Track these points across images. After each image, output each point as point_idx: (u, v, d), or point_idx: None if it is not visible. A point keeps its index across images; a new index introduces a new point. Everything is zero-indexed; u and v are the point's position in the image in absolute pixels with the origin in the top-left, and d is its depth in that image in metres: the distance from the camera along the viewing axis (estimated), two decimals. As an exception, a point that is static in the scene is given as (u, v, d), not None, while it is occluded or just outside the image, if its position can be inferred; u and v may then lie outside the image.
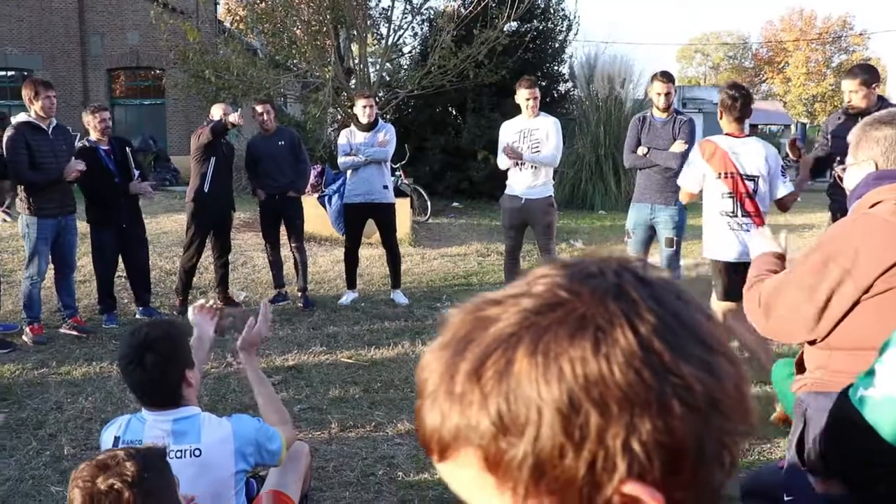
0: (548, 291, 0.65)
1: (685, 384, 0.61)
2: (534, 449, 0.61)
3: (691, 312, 0.65)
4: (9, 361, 5.78)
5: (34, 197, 6.22)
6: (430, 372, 0.67)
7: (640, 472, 0.60)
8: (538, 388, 0.61)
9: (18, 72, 23.00)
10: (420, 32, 17.53)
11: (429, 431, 0.67)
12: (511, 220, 6.92)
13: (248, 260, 9.42)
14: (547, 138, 6.67)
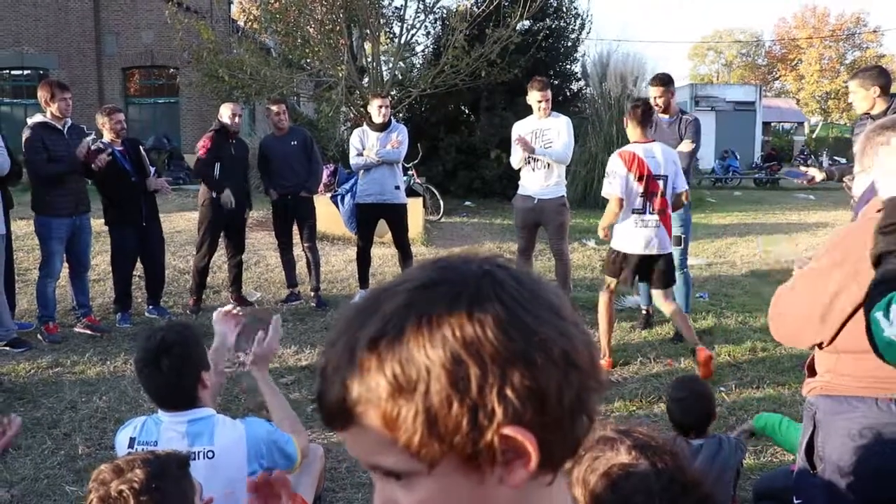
0: (428, 276, 0.78)
1: (544, 342, 0.74)
2: (425, 403, 0.72)
3: (545, 291, 0.79)
4: (24, 360, 5.82)
5: (50, 197, 6.25)
6: (331, 353, 0.77)
7: (514, 416, 0.72)
8: (426, 351, 0.72)
9: (35, 71, 23.19)
10: (433, 31, 17.54)
11: (333, 404, 0.76)
12: (524, 220, 6.91)
13: (261, 259, 9.44)
14: (558, 136, 6.66)
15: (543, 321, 0.75)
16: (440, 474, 0.75)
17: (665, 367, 5.63)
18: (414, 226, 10.73)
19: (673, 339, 6.27)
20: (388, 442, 0.74)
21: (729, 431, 3.85)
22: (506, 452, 0.74)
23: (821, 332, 2.28)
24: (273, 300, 7.67)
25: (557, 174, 6.74)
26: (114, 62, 23.17)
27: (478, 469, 0.74)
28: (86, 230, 6.60)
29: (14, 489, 3.82)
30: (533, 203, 6.74)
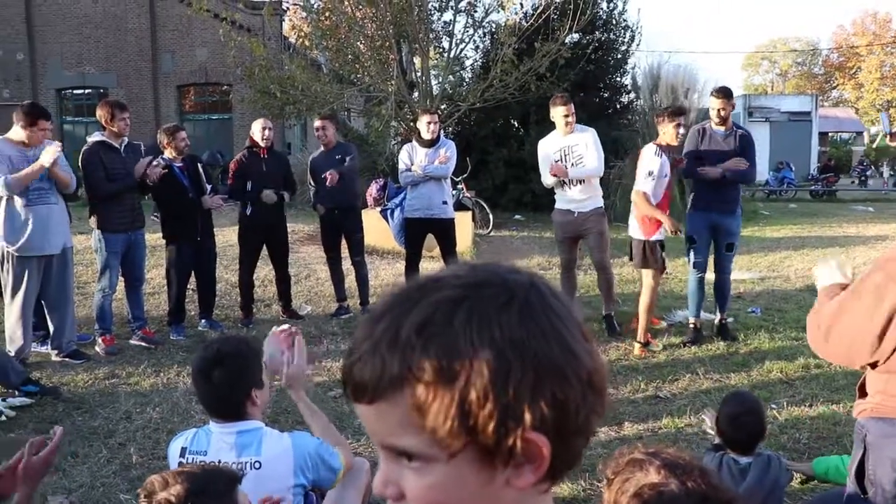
0: (477, 275, 0.80)
1: (578, 359, 0.78)
2: (462, 395, 0.74)
3: (576, 311, 0.83)
4: (82, 371, 5.97)
5: (107, 213, 6.44)
6: (370, 329, 0.79)
7: (539, 424, 0.76)
8: (473, 346, 0.74)
9: (95, 90, 23.86)
10: (482, 46, 17.62)
11: (368, 378, 0.78)
12: (564, 234, 6.94)
13: (311, 273, 9.55)
14: (587, 149, 6.68)
15: (576, 339, 0.79)
16: (454, 464, 0.77)
17: (715, 384, 5.55)
18: (463, 239, 10.76)
19: (725, 336, 6.46)
20: (414, 424, 0.76)
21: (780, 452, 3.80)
22: (521, 456, 0.77)
23: (875, 351, 2.20)
24: (323, 314, 7.76)
25: (594, 186, 6.78)
26: (170, 80, 23.75)
27: (490, 466, 0.77)
28: (140, 245, 6.76)
29: (72, 496, 3.92)
30: (572, 216, 6.77)
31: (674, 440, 4.53)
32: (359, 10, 15.00)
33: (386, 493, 0.82)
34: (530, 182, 16.37)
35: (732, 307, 7.58)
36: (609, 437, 4.55)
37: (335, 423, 4.72)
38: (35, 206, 5.88)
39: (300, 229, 12.08)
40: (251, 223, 7.33)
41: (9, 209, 5.80)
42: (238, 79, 17.68)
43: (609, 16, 17.81)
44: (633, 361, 6.13)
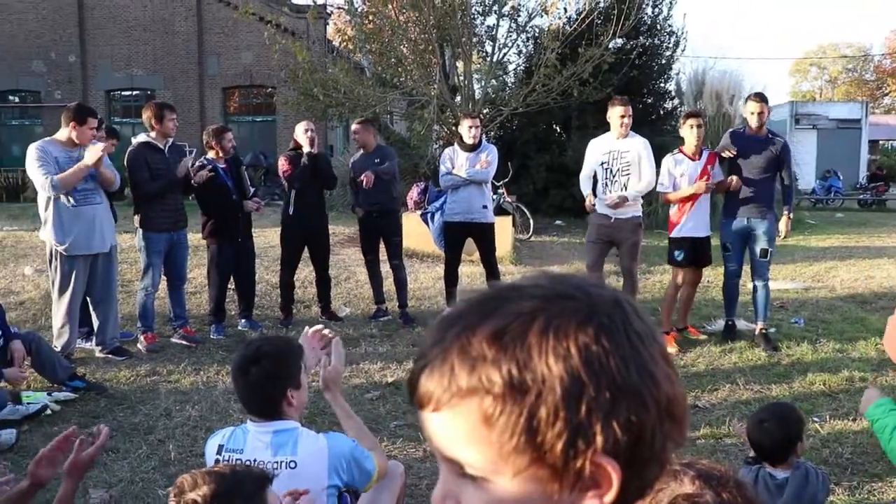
0: (559, 287, 0.78)
1: (657, 384, 0.75)
2: (532, 411, 0.71)
3: (658, 334, 0.79)
4: (125, 368, 6.07)
5: (150, 213, 6.54)
6: (441, 334, 0.77)
7: (611, 447, 0.72)
8: (547, 360, 0.72)
9: (143, 91, 24.30)
10: (525, 50, 17.59)
11: (433, 387, 0.75)
12: (597, 235, 6.90)
13: (350, 275, 9.60)
14: (639, 162, 6.65)
15: (657, 363, 0.76)
16: (517, 482, 0.74)
17: (755, 395, 5.47)
18: (503, 244, 10.73)
19: (766, 345, 6.46)
20: (479, 437, 0.74)
21: (822, 466, 3.72)
22: (588, 479, 0.74)
23: None
24: (362, 316, 7.79)
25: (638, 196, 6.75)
26: (215, 82, 24.09)
27: (556, 487, 0.74)
28: (183, 245, 6.86)
29: (112, 490, 3.99)
30: (609, 221, 6.74)
31: (712, 451, 4.47)
32: (402, 13, 15.06)
33: None
34: (571, 187, 16.24)
35: (775, 317, 7.48)
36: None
37: (371, 426, 4.75)
38: (82, 207, 6.00)
39: (340, 231, 12.15)
40: (294, 224, 7.39)
41: (57, 209, 5.92)
42: (282, 81, 17.87)
43: (654, 21, 17.66)
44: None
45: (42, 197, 5.99)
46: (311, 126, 7.46)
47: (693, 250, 6.68)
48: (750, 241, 6.63)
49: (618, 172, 6.67)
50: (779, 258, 10.73)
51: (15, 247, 11.44)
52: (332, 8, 19.66)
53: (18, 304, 8.05)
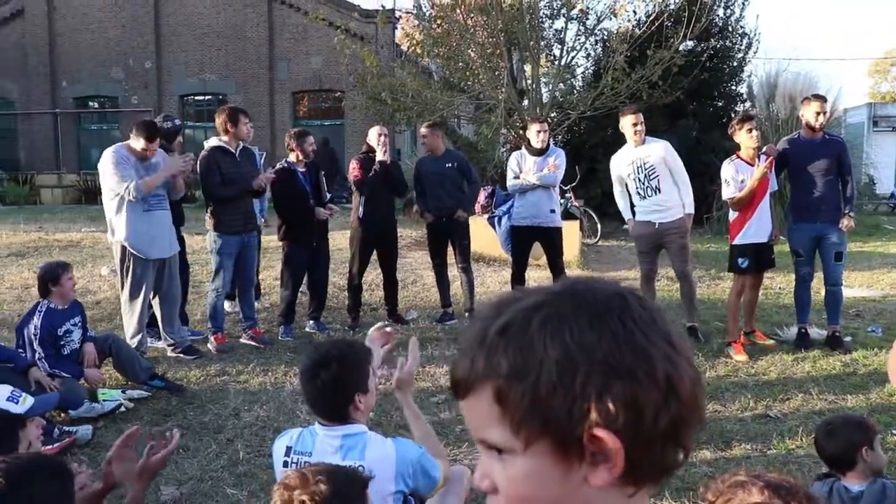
0: (565, 286, 0.89)
1: (650, 363, 0.83)
2: (533, 388, 0.82)
3: (664, 321, 0.88)
4: (195, 367, 6.20)
5: (221, 215, 6.67)
6: (470, 332, 0.90)
7: (607, 422, 0.81)
8: (545, 345, 0.83)
9: (215, 96, 24.85)
10: (593, 53, 17.42)
11: (461, 374, 0.88)
12: (646, 245, 6.94)
13: (417, 279, 9.63)
14: (666, 165, 6.67)
15: (654, 345, 0.84)
16: (533, 456, 0.84)
17: (829, 405, 5.30)
18: (570, 249, 10.65)
19: (836, 347, 6.35)
20: (496, 416, 0.85)
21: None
22: (595, 454, 0.83)
23: None
24: (428, 319, 7.81)
25: (674, 194, 6.71)
26: (285, 86, 24.48)
27: (566, 460, 0.84)
28: (253, 247, 6.97)
29: (183, 487, 4.07)
30: (653, 228, 6.76)
31: (783, 463, 4.35)
32: (470, 17, 15.08)
33: (482, 487, 0.90)
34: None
35: (851, 325, 7.26)
36: (716, 455, 4.41)
37: (437, 430, 4.74)
38: (154, 212, 6.17)
39: (408, 235, 12.21)
40: (363, 228, 7.44)
41: (130, 213, 6.08)
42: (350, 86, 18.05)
43: (725, 22, 17.31)
44: (742, 378, 5.92)
45: (112, 201, 6.15)
46: (385, 131, 7.51)
47: (756, 256, 6.57)
48: (821, 246, 6.55)
49: (646, 178, 6.70)
50: (855, 264, 10.42)
51: (93, 248, 11.80)
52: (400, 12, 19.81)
53: (95, 304, 8.29)
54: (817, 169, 6.43)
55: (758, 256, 6.60)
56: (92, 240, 12.34)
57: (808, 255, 6.60)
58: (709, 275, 10.18)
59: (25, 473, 1.98)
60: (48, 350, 5.30)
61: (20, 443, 2.57)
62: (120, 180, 5.98)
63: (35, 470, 2.02)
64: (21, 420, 2.72)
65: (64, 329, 5.45)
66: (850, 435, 2.98)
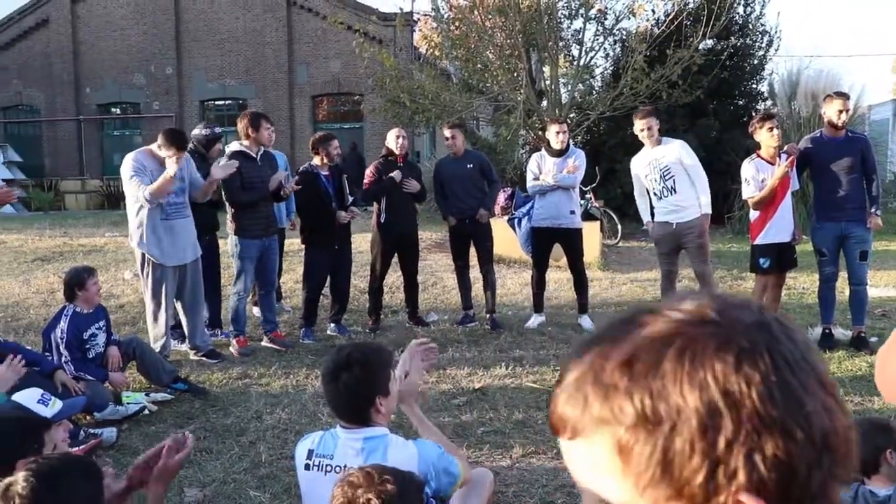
0: (700, 310, 0.73)
1: (807, 417, 0.69)
2: (667, 443, 0.68)
3: (813, 356, 0.73)
4: (217, 371, 6.23)
5: (242, 219, 6.70)
6: (576, 362, 0.76)
7: (756, 484, 0.67)
8: (681, 391, 0.68)
9: (235, 101, 25.02)
10: (612, 53, 17.39)
11: (568, 414, 0.75)
12: (665, 246, 6.95)
13: (438, 281, 9.64)
14: (681, 165, 6.67)
15: (810, 392, 0.70)
16: None
17: (856, 406, 5.24)
18: (590, 250, 10.61)
19: (862, 348, 6.37)
20: (614, 468, 0.72)
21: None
22: None
23: None
24: (449, 321, 7.81)
25: (692, 193, 6.70)
26: (304, 90, 24.61)
27: None
28: (274, 251, 7.00)
29: (206, 489, 4.09)
30: (671, 228, 6.78)
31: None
32: (488, 19, 15.08)
33: None
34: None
35: (877, 326, 7.19)
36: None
37: (457, 432, 4.76)
38: (172, 220, 6.21)
39: (428, 237, 12.21)
40: (385, 231, 7.45)
41: (150, 221, 6.12)
42: (369, 89, 18.11)
43: (745, 20, 17.22)
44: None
45: (133, 207, 6.20)
46: (403, 133, 7.52)
47: (778, 256, 6.56)
48: (845, 245, 6.49)
49: (661, 179, 6.71)
50: (881, 263, 10.30)
51: (116, 252, 11.90)
52: (418, 15, 19.84)
53: (119, 308, 8.36)
54: (841, 167, 6.38)
55: (780, 256, 6.57)
56: (115, 244, 12.44)
57: (833, 255, 6.54)
58: (731, 275, 10.12)
59: (57, 473, 2.00)
60: (74, 353, 5.37)
61: (45, 446, 2.59)
62: (136, 187, 6.03)
63: (66, 470, 2.04)
64: (47, 423, 2.74)
65: (89, 333, 5.51)
66: (875, 438, 2.95)
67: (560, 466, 4.26)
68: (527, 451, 4.47)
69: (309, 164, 7.21)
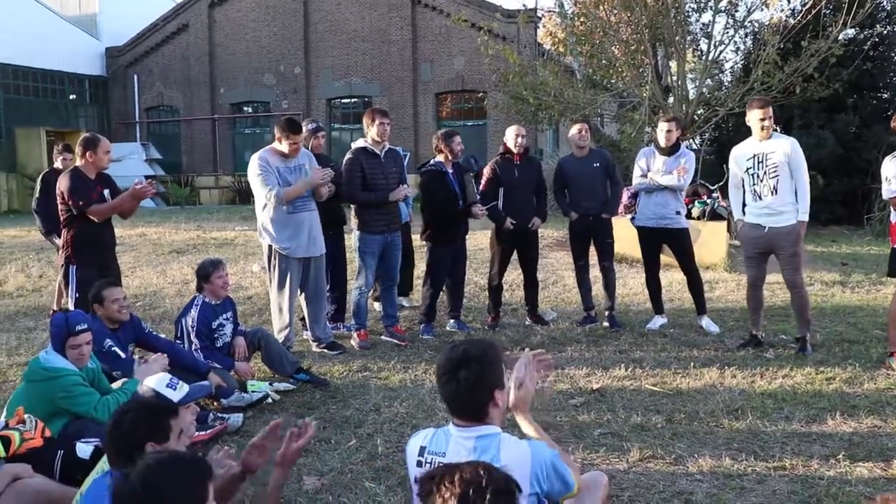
0: None
1: None
2: None
3: None
4: (338, 363, 6.36)
5: (365, 215, 6.82)
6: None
7: None
8: None
9: (360, 98, 25.58)
10: (742, 47, 16.78)
11: None
12: (753, 249, 6.49)
13: (558, 279, 9.54)
14: (788, 164, 6.18)
15: None
16: None
17: None
18: (716, 250, 10.29)
19: None
20: None
21: None
22: None
23: None
24: (568, 320, 7.70)
25: (790, 200, 6.24)
26: (428, 88, 24.88)
27: None
28: (396, 246, 7.07)
29: (324, 479, 4.17)
30: (762, 231, 6.32)
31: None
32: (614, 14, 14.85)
33: None
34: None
35: None
36: (874, 474, 4.11)
37: (574, 433, 4.70)
38: (299, 214, 6.37)
39: (549, 234, 12.12)
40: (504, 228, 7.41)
41: (278, 214, 6.32)
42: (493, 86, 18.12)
43: (894, 6, 16.23)
44: (908, 390, 5.52)
45: (260, 202, 6.41)
46: (522, 132, 7.45)
47: None
48: None
49: (765, 176, 6.24)
50: None
51: (245, 245, 12.37)
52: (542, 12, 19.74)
53: (246, 299, 8.67)
54: None
55: None
56: (245, 238, 12.93)
57: None
58: (868, 279, 9.58)
59: (163, 470, 2.09)
60: (203, 342, 5.61)
61: (172, 430, 2.70)
62: (263, 187, 6.23)
63: (173, 467, 2.11)
64: (175, 409, 2.86)
65: (217, 323, 5.74)
66: None
67: (678, 472, 4.13)
68: (644, 456, 4.35)
69: (433, 160, 7.25)
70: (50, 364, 4.20)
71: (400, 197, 6.86)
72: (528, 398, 2.94)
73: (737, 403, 5.15)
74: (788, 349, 6.48)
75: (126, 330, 5.31)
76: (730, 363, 6.10)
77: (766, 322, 7.14)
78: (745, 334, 6.80)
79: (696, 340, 6.86)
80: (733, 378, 5.73)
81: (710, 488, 3.92)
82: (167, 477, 2.09)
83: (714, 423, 4.84)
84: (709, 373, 5.87)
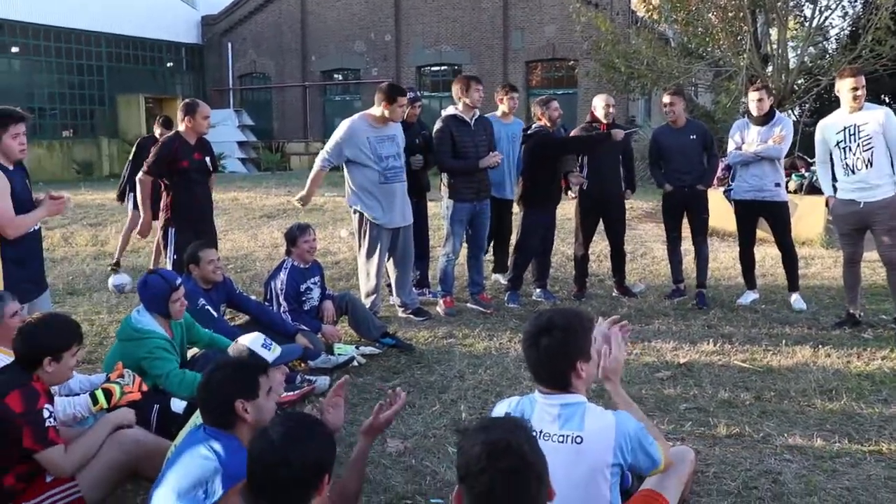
0: None
1: None
2: None
3: None
4: (424, 329, 6.42)
5: (454, 182, 6.82)
6: None
7: None
8: None
9: (450, 66, 25.54)
10: (851, 12, 16.03)
11: None
12: (847, 226, 6.19)
13: (647, 251, 9.39)
14: (883, 136, 5.82)
15: None
16: None
17: None
18: (814, 226, 9.95)
19: None
20: None
21: None
22: None
23: None
24: (657, 293, 7.58)
25: (887, 172, 5.89)
26: (518, 56, 24.65)
27: None
28: (485, 214, 7.06)
29: (407, 442, 4.23)
30: (857, 207, 5.99)
31: None
32: (712, -21, 14.37)
33: None
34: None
35: None
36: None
37: (659, 406, 4.64)
38: (392, 184, 6.43)
39: (638, 206, 11.92)
40: (588, 197, 7.33)
41: (370, 183, 6.39)
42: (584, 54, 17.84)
43: None
44: None
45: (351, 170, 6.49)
46: (612, 101, 7.30)
47: None
48: None
49: (857, 149, 5.91)
50: None
51: (333, 211, 12.56)
52: (638, -23, 19.23)
53: (334, 264, 8.82)
54: None
55: None
56: (333, 204, 13.12)
57: None
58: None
59: (305, 427, 2.26)
60: (291, 304, 5.75)
61: (261, 388, 2.78)
62: (324, 150, 6.51)
63: (309, 428, 2.27)
64: (265, 367, 2.94)
65: (305, 286, 5.87)
66: None
67: (766, 450, 4.04)
68: (731, 432, 4.27)
69: (537, 125, 7.20)
70: (140, 325, 4.35)
71: (490, 164, 6.82)
72: (619, 368, 2.92)
73: (831, 384, 4.98)
74: (889, 330, 6.23)
75: (219, 291, 5.48)
76: (824, 342, 5.90)
77: (865, 301, 6.86)
78: (842, 313, 6.55)
79: (788, 317, 6.66)
80: (827, 357, 5.54)
81: (800, 469, 3.82)
82: (310, 433, 2.25)
83: (806, 402, 4.71)
84: (801, 351, 5.70)
